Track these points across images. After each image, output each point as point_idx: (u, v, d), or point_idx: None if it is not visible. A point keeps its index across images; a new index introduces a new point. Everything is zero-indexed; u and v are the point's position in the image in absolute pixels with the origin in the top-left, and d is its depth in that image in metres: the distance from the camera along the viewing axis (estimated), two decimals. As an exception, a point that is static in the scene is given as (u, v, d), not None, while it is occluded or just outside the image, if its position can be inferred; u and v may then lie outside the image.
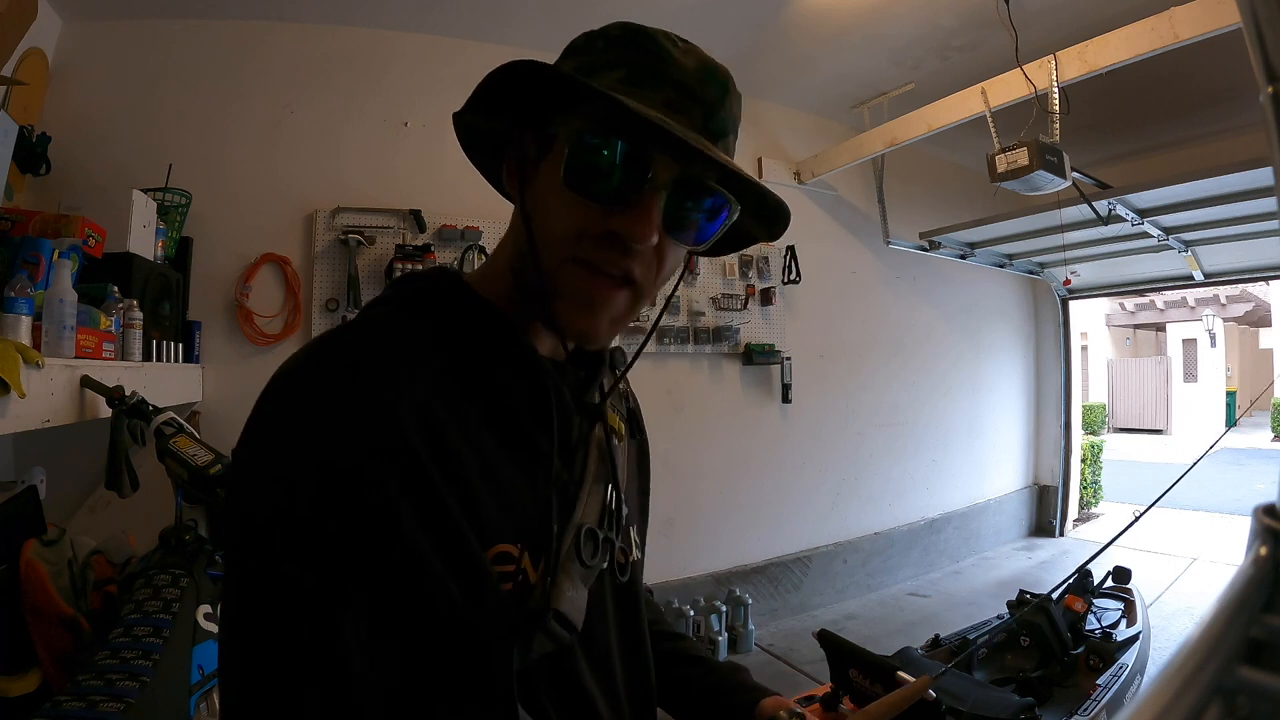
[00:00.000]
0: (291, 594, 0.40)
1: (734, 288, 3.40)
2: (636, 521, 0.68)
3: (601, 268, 0.51)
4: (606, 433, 0.62)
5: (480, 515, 0.47)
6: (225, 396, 2.43)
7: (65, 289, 1.37)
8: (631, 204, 0.50)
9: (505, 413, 0.52)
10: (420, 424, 0.45)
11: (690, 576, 3.21)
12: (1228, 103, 3.36)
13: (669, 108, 0.49)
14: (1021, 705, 1.86)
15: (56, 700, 0.91)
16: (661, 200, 0.50)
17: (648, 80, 0.50)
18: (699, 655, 0.77)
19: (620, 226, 0.50)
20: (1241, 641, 0.21)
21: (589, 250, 0.51)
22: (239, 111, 2.53)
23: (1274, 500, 0.25)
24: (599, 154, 0.49)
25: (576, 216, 0.51)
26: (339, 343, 0.48)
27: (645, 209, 0.50)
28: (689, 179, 0.51)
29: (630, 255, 0.51)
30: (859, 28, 2.83)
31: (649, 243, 0.50)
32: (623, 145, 0.49)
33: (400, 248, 2.62)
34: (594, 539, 0.55)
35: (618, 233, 0.50)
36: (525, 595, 0.49)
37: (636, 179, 0.49)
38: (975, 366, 4.68)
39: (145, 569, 1.15)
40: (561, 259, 0.52)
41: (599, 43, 0.54)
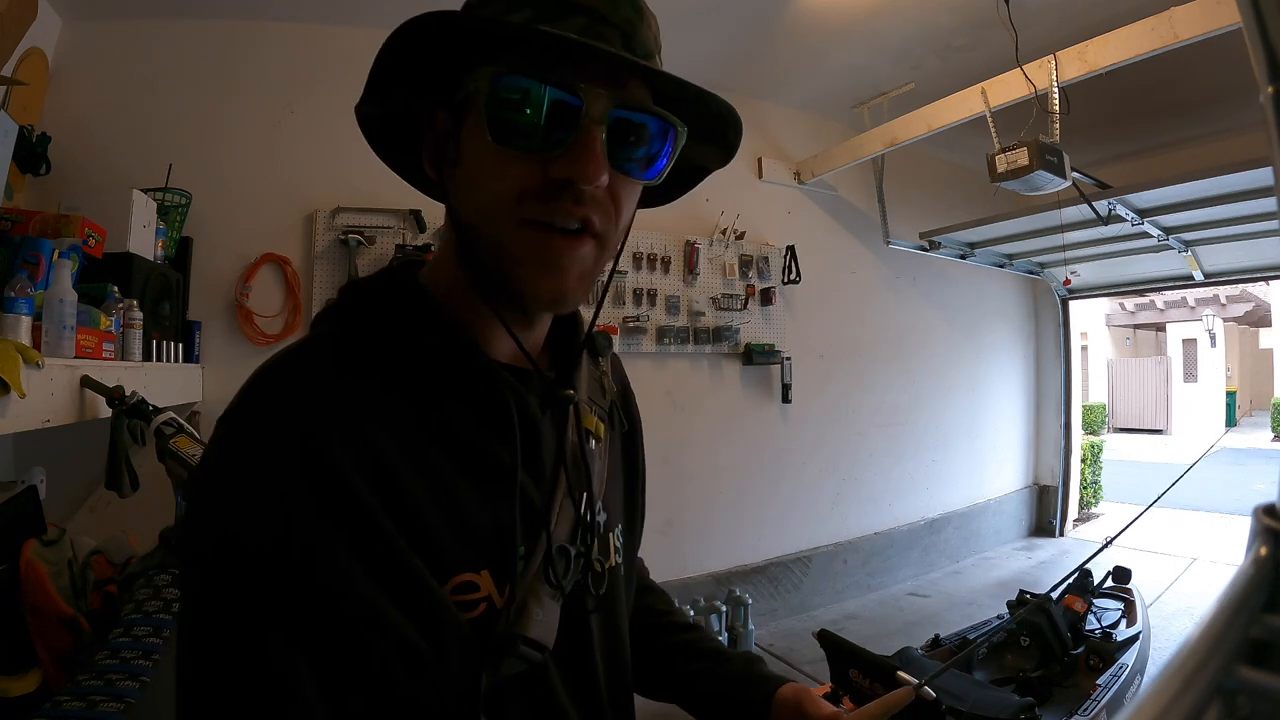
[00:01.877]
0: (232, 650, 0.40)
1: (734, 288, 3.40)
2: (622, 521, 0.65)
3: (555, 222, 0.47)
4: (581, 436, 0.58)
5: (435, 546, 0.45)
6: (225, 396, 2.40)
7: (65, 289, 1.37)
8: (569, 144, 0.45)
9: (459, 431, 0.49)
10: (358, 460, 0.43)
11: (690, 576, 3.21)
12: (1228, 103, 3.36)
13: (585, 36, 0.45)
14: (1021, 705, 1.86)
15: (56, 700, 0.91)
16: (601, 133, 0.45)
17: (555, 13, 0.45)
18: (712, 648, 0.74)
19: (563, 171, 0.45)
20: (1241, 641, 0.21)
21: (536, 208, 0.46)
22: (239, 111, 2.53)
23: (1274, 500, 0.25)
24: (522, 96, 0.45)
25: (513, 174, 0.46)
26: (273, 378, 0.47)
27: (586, 145, 0.45)
28: (626, 106, 0.47)
29: (582, 202, 0.46)
30: (859, 28, 2.83)
31: (599, 182, 0.46)
32: (545, 83, 0.44)
33: (400, 248, 2.62)
34: (566, 556, 0.52)
35: (563, 179, 0.45)
36: (492, 622, 0.47)
37: (568, 116, 0.45)
38: (975, 366, 4.68)
39: (145, 569, 1.15)
40: (509, 225, 0.47)
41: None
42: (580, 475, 0.56)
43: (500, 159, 0.46)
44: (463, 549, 0.47)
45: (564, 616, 0.52)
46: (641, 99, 0.48)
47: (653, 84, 0.49)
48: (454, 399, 0.50)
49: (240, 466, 0.43)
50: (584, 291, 0.50)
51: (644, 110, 0.48)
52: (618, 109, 0.46)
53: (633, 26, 0.48)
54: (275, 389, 0.46)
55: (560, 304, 0.50)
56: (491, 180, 0.47)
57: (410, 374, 0.49)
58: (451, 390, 0.50)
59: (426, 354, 0.50)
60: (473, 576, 0.47)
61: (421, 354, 0.50)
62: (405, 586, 0.43)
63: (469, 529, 0.47)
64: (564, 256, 0.48)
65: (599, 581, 0.56)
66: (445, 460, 0.48)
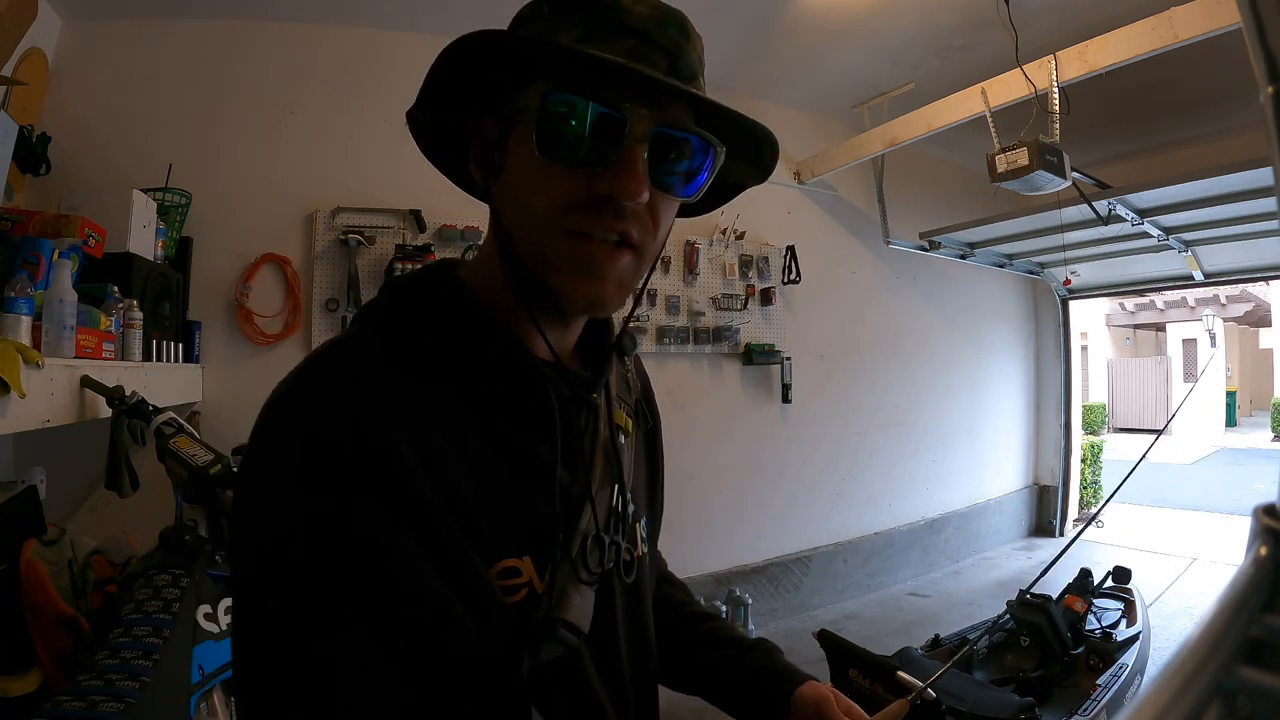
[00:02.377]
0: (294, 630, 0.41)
1: (734, 288, 3.40)
2: (646, 513, 0.68)
3: (596, 234, 0.49)
4: (612, 431, 0.61)
5: (481, 533, 0.47)
6: (225, 396, 2.43)
7: (65, 289, 1.37)
8: (613, 162, 0.47)
9: (502, 424, 0.51)
10: (412, 448, 0.44)
11: (690, 576, 3.21)
12: (1228, 103, 3.36)
13: (632, 57, 0.47)
14: (1021, 705, 1.86)
15: (56, 700, 0.91)
16: (644, 152, 0.47)
17: (605, 34, 0.47)
18: (732, 637, 0.76)
19: (606, 187, 0.47)
20: (1241, 641, 0.21)
21: (579, 220, 0.48)
22: (239, 111, 2.53)
23: (1274, 500, 0.25)
24: (570, 114, 0.47)
25: (559, 187, 0.48)
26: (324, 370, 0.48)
27: (629, 163, 0.47)
28: (668, 126, 0.49)
29: (623, 216, 0.49)
30: (859, 27, 2.83)
31: (640, 199, 0.48)
32: (593, 101, 0.46)
33: (400, 248, 2.62)
34: (600, 545, 0.55)
35: (606, 194, 0.47)
36: (534, 606, 0.50)
37: (614, 134, 0.47)
38: (975, 366, 4.68)
39: (145, 569, 1.15)
40: (553, 235, 0.49)
41: (544, 8, 0.51)
42: (612, 467, 0.59)
43: (547, 171, 0.48)
44: (506, 536, 0.49)
45: (596, 602, 0.54)
46: (683, 119, 0.50)
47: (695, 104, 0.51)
48: (497, 393, 0.52)
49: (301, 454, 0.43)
50: (621, 299, 0.53)
51: (685, 130, 0.50)
52: (659, 128, 0.48)
53: (679, 48, 0.50)
54: (330, 378, 0.47)
55: (597, 309, 0.52)
56: (538, 191, 0.49)
57: (455, 368, 0.51)
58: (494, 385, 0.52)
59: (470, 349, 0.52)
60: (515, 562, 0.49)
61: (465, 349, 0.52)
62: (457, 570, 0.45)
63: (512, 517, 0.50)
64: (603, 265, 0.50)
65: (629, 569, 0.59)
66: (489, 451, 0.50)
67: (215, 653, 1.11)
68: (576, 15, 0.49)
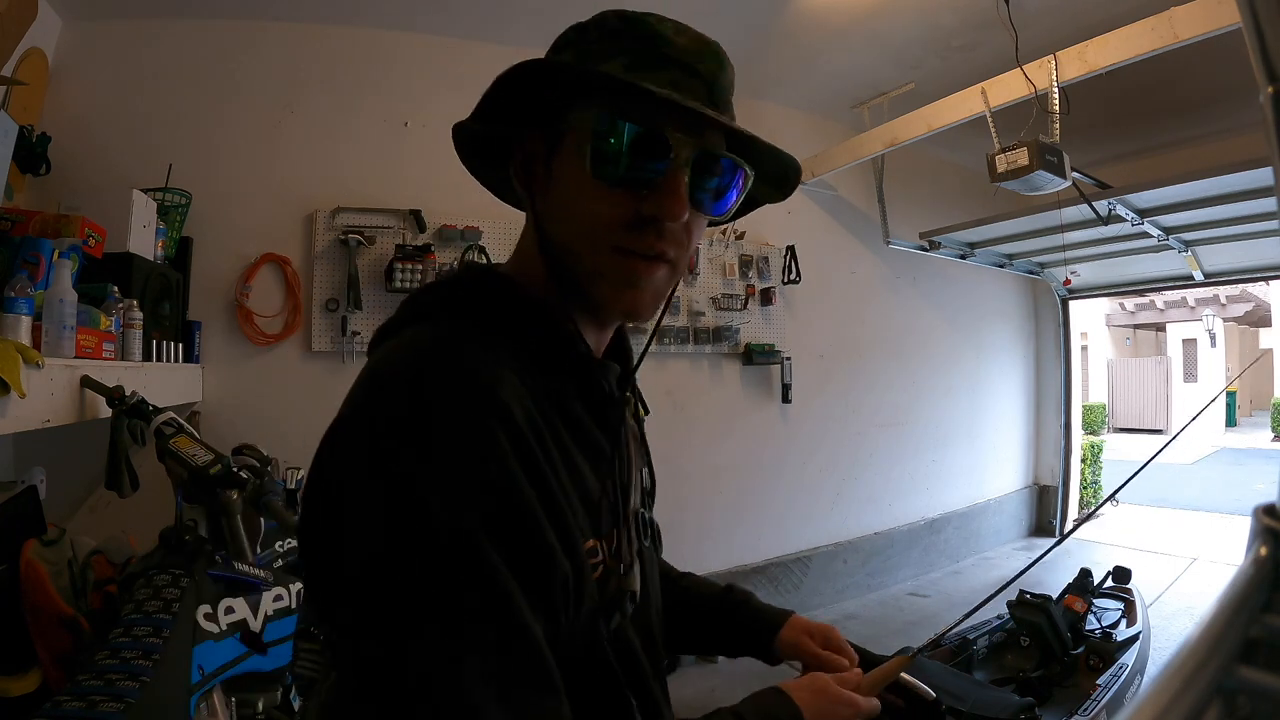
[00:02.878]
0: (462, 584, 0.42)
1: (734, 288, 3.40)
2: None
3: (640, 251, 0.53)
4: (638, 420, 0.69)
5: (575, 511, 0.51)
6: (225, 396, 2.43)
7: (65, 289, 1.37)
8: (659, 185, 0.51)
9: (573, 412, 0.56)
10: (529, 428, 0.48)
11: (690, 576, 3.21)
12: (1228, 103, 3.36)
13: (675, 87, 0.51)
14: (1021, 705, 1.86)
15: (56, 700, 0.91)
16: (685, 175, 0.52)
17: (650, 64, 0.52)
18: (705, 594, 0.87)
19: (653, 209, 0.52)
20: (1241, 641, 0.21)
21: (625, 237, 0.53)
22: (239, 111, 2.53)
23: (1274, 500, 0.25)
24: (621, 139, 0.51)
25: (608, 205, 0.52)
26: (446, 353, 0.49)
27: (673, 188, 0.51)
28: (706, 151, 0.53)
29: (663, 236, 0.53)
30: (859, 28, 2.83)
31: (681, 220, 0.52)
32: (644, 130, 0.50)
33: (400, 248, 2.62)
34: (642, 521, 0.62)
35: (651, 215, 0.52)
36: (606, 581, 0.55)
37: (659, 159, 0.51)
38: (975, 366, 4.68)
39: (145, 569, 1.15)
40: (600, 249, 0.53)
41: (591, 34, 0.55)
42: (642, 453, 0.68)
43: (597, 190, 0.52)
44: (589, 516, 0.54)
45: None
46: (718, 144, 0.55)
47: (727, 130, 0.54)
48: (566, 389, 0.56)
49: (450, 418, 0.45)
50: (655, 308, 0.58)
51: (718, 157, 0.54)
52: (699, 153, 0.53)
53: (715, 77, 0.55)
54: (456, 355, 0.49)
55: (634, 317, 0.58)
56: (588, 208, 0.53)
57: (535, 365, 0.54)
58: (563, 378, 0.56)
59: (540, 346, 0.56)
60: (594, 542, 0.54)
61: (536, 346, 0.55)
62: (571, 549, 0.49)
63: (589, 497, 0.54)
64: (643, 278, 0.54)
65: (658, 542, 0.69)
66: (569, 437, 0.54)
67: (215, 653, 1.11)
68: (623, 45, 0.53)
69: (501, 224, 2.81)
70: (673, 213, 0.51)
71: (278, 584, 1.22)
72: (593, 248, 0.53)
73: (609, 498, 0.57)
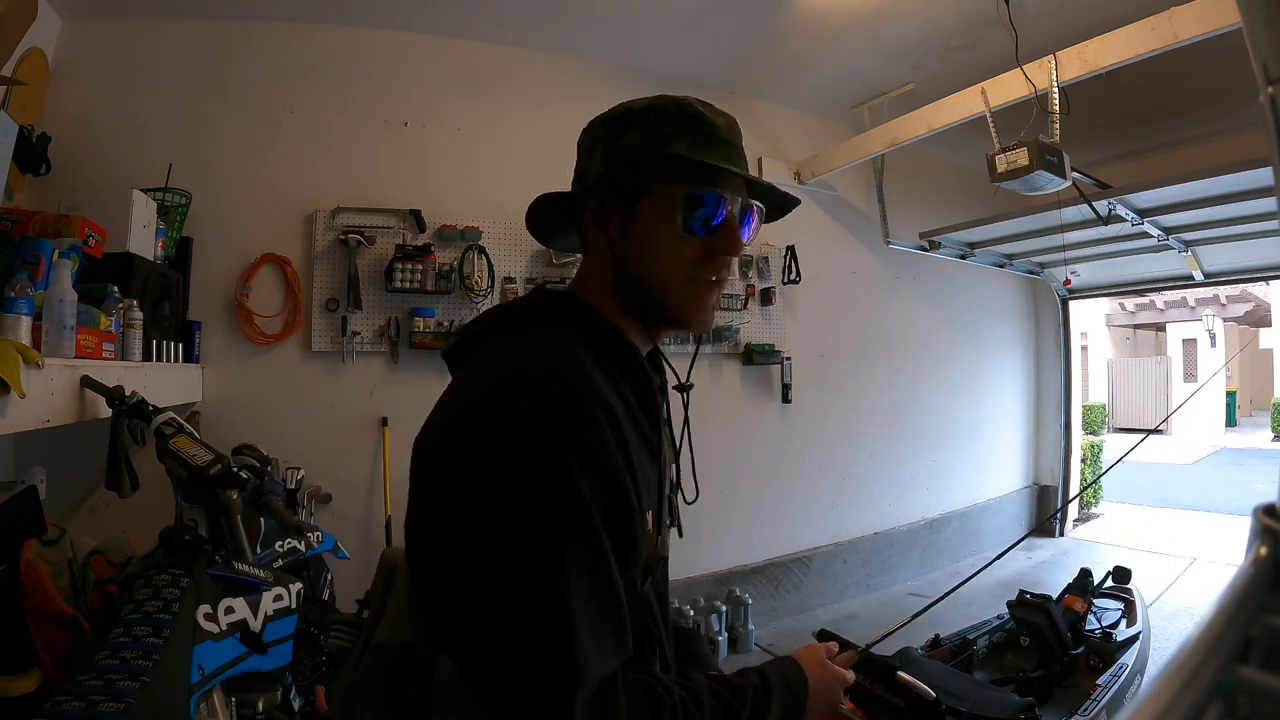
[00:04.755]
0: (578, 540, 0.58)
1: (734, 288, 3.40)
2: None
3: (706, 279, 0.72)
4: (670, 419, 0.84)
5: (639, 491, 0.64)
6: (225, 396, 2.43)
7: (65, 289, 1.37)
8: (721, 231, 0.71)
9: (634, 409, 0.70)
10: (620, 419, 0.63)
11: (690, 576, 3.21)
12: (1228, 103, 3.36)
13: (727, 160, 0.70)
14: (1021, 705, 1.86)
15: (56, 700, 0.91)
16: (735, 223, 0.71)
17: (708, 143, 0.70)
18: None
19: (722, 250, 0.71)
20: (1241, 641, 0.21)
21: (701, 270, 0.72)
22: (239, 111, 2.53)
23: (1274, 500, 0.25)
24: (705, 204, 0.70)
25: (691, 249, 0.71)
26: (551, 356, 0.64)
27: (734, 233, 0.71)
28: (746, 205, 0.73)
29: (727, 267, 0.73)
30: (859, 28, 2.83)
31: (740, 252, 0.73)
32: (718, 195, 0.70)
33: (400, 248, 2.63)
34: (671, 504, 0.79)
35: (720, 252, 0.71)
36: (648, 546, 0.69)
37: (720, 214, 0.71)
38: (975, 366, 4.67)
39: (145, 569, 1.15)
40: (683, 281, 0.71)
41: (650, 116, 0.71)
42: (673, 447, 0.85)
43: (684, 240, 0.70)
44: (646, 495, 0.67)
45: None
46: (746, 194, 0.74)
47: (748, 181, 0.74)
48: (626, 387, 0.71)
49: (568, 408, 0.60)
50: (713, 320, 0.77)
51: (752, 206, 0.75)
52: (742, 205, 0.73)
53: (740, 142, 0.74)
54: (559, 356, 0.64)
55: (702, 328, 0.76)
56: (678, 253, 0.71)
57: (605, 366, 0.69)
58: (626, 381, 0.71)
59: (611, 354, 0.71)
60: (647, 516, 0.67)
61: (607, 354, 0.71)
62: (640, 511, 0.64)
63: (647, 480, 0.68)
64: (710, 299, 0.74)
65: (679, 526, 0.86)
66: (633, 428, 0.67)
67: (215, 653, 1.11)
68: (684, 126, 0.70)
69: (501, 224, 2.81)
70: (736, 248, 0.71)
71: (278, 584, 1.22)
72: (677, 280, 0.71)
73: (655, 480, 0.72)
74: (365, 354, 2.64)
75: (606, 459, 0.60)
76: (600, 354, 0.69)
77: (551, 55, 3.01)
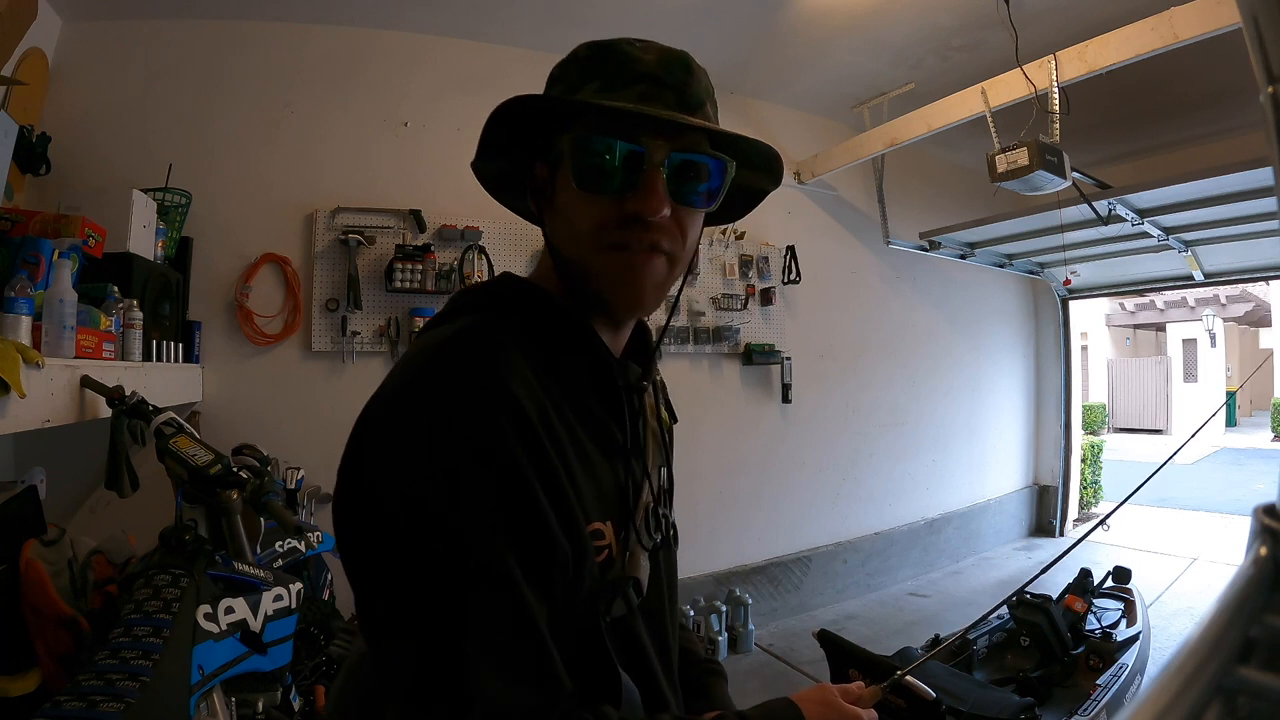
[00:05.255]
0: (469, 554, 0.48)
1: (734, 288, 3.40)
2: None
3: (629, 244, 0.59)
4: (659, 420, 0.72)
5: (581, 494, 0.55)
6: (225, 396, 2.43)
7: (65, 289, 1.37)
8: (638, 186, 0.57)
9: (588, 406, 0.61)
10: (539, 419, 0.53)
11: (690, 576, 3.21)
12: (1228, 103, 3.36)
13: (644, 99, 0.57)
14: (1021, 705, 1.86)
15: (56, 700, 0.91)
16: (663, 175, 0.57)
17: (620, 83, 0.58)
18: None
19: (633, 207, 0.57)
20: (1241, 641, 0.21)
21: (614, 235, 0.59)
22: (239, 111, 2.53)
23: (1274, 500, 0.25)
24: (597, 153, 0.57)
25: (595, 211, 0.58)
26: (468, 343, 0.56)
27: (650, 186, 0.57)
28: (682, 150, 0.58)
29: (650, 230, 0.58)
30: (859, 28, 2.83)
31: (661, 214, 0.57)
32: (613, 140, 0.57)
33: (400, 248, 2.62)
34: (656, 517, 0.65)
35: (633, 213, 0.57)
36: (609, 566, 0.58)
37: (635, 163, 0.57)
38: (975, 366, 4.68)
39: (145, 569, 1.15)
40: (595, 250, 0.59)
41: (572, 67, 0.62)
42: (662, 451, 0.71)
43: (585, 201, 0.59)
44: (596, 500, 0.58)
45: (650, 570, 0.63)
46: (696, 143, 0.60)
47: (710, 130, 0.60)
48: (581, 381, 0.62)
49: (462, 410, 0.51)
50: (658, 299, 0.62)
51: (697, 152, 0.60)
52: (676, 154, 0.58)
53: (684, 84, 0.59)
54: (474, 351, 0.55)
55: (637, 309, 0.62)
56: (579, 217, 0.60)
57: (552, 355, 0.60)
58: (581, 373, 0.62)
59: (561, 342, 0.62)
60: (601, 525, 0.58)
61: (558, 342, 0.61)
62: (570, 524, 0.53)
63: (599, 485, 0.59)
64: (638, 272, 0.60)
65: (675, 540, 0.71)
66: (581, 427, 0.59)
67: (215, 653, 1.11)
68: (596, 70, 0.59)
69: (501, 224, 2.81)
70: (650, 208, 0.57)
71: (278, 584, 1.22)
72: (592, 249, 0.59)
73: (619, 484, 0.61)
74: (365, 354, 2.64)
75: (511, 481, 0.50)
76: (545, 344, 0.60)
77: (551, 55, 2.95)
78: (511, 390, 0.52)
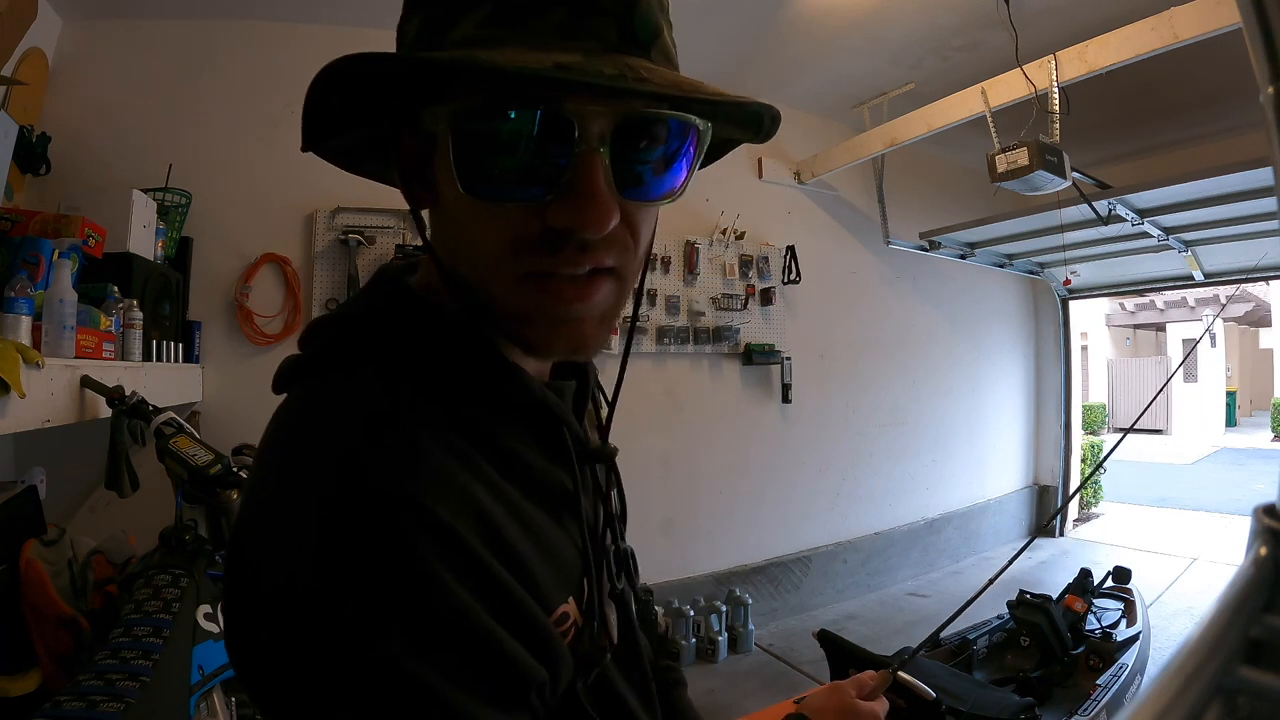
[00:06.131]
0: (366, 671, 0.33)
1: (734, 288, 3.40)
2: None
3: (561, 272, 0.39)
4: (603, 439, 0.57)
5: (538, 582, 0.41)
6: (225, 396, 2.43)
7: (65, 289, 1.37)
8: (566, 182, 0.37)
9: (525, 461, 0.44)
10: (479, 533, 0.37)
11: (690, 576, 3.21)
12: (1228, 103, 3.36)
13: (565, 35, 0.36)
14: (1021, 705, 1.86)
15: (56, 700, 0.91)
16: (604, 160, 0.37)
17: (521, 11, 0.36)
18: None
19: (563, 220, 0.37)
20: (1241, 641, 0.21)
21: (536, 261, 0.39)
22: (239, 111, 2.53)
23: (1274, 500, 0.25)
24: (494, 139, 0.36)
25: (503, 225, 0.38)
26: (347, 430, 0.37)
27: (586, 184, 0.36)
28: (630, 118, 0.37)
29: (589, 249, 0.39)
30: (859, 28, 2.83)
31: (606, 227, 0.37)
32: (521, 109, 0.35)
33: (400, 248, 2.63)
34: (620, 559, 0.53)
35: (562, 228, 0.37)
36: (579, 639, 0.45)
37: (558, 146, 0.36)
38: (975, 366, 4.68)
39: (145, 569, 1.15)
40: (507, 282, 0.40)
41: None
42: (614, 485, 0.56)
43: (480, 211, 0.39)
44: (557, 583, 0.43)
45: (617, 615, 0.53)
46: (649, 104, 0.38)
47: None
48: (513, 428, 0.45)
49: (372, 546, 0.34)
50: (606, 334, 0.44)
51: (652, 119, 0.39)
52: (621, 124, 0.37)
53: (629, 7, 0.37)
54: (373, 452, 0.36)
55: (581, 354, 0.44)
56: (478, 233, 0.39)
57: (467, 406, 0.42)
58: (509, 423, 0.45)
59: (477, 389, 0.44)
60: (566, 608, 0.45)
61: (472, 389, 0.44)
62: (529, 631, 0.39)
63: (558, 562, 0.44)
64: (576, 306, 0.40)
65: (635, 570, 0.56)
66: (522, 495, 0.43)
67: (215, 653, 1.11)
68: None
69: (501, 224, 2.81)
70: (589, 221, 0.37)
71: (278, 584, 1.22)
72: (498, 281, 0.40)
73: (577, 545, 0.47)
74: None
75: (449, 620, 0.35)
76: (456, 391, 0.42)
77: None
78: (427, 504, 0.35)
